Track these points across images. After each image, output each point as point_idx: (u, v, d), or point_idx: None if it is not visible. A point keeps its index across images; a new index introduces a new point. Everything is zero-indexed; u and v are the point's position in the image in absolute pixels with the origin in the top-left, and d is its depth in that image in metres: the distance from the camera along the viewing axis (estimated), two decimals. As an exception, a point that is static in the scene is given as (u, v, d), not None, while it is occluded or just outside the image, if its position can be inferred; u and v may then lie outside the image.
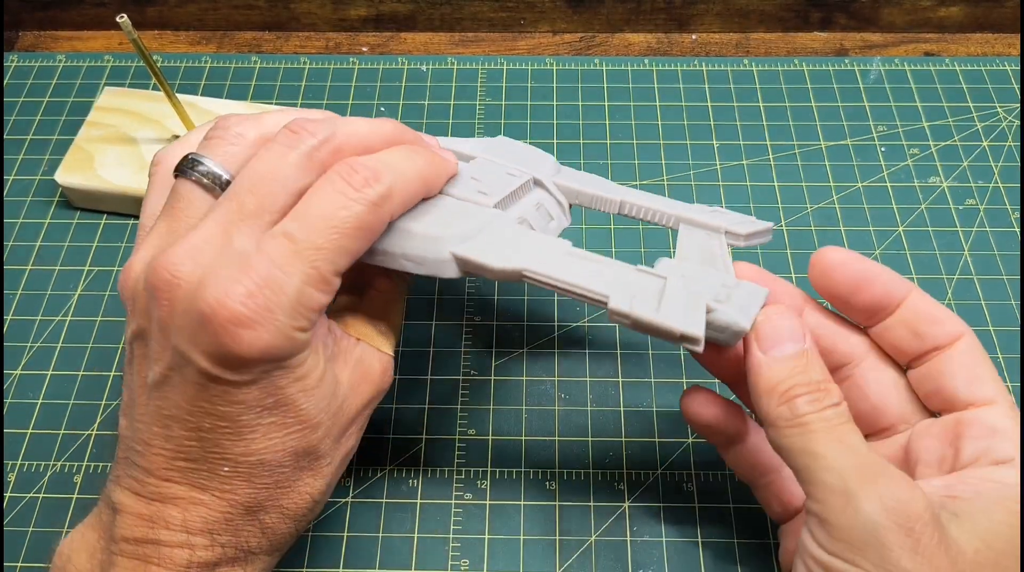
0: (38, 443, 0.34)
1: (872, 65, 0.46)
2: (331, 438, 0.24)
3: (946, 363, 0.24)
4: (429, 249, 0.24)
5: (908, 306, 0.24)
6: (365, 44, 0.49)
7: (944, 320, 0.24)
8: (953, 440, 0.23)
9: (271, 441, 0.22)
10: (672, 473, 0.33)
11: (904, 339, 0.24)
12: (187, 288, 0.21)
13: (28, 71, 0.46)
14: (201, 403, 0.22)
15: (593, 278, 0.23)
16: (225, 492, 0.22)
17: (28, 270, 0.39)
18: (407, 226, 0.24)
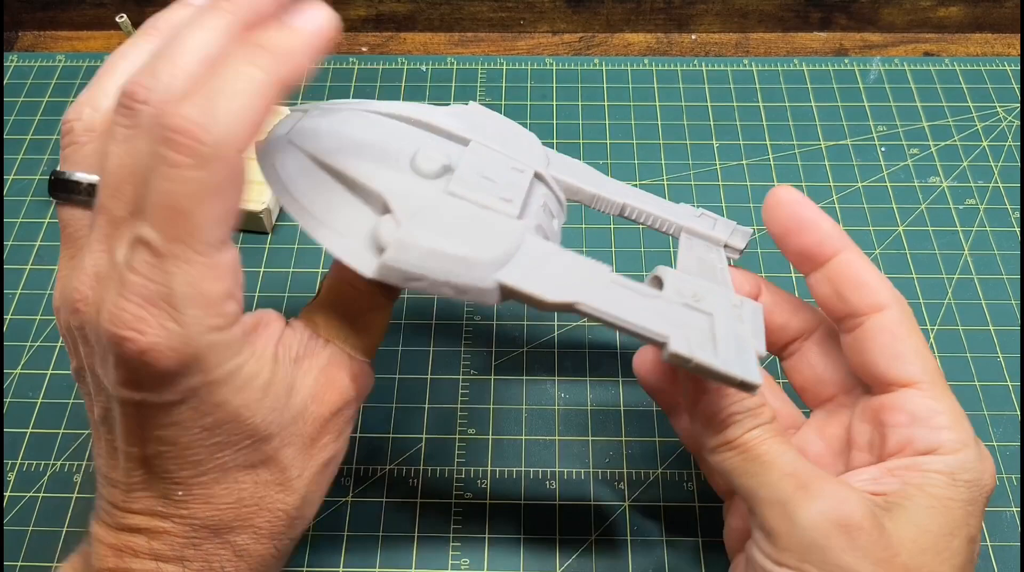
0: (38, 442, 0.34)
1: (872, 65, 0.46)
2: (293, 448, 0.22)
3: (868, 334, 0.23)
4: (473, 276, 0.21)
5: (837, 263, 0.24)
6: (364, 44, 0.49)
7: (871, 286, 0.23)
8: (877, 426, 0.23)
9: (219, 460, 0.21)
10: (672, 473, 0.33)
11: (829, 298, 0.24)
12: (90, 317, 0.20)
13: (28, 71, 0.46)
14: (138, 431, 0.20)
15: (649, 315, 0.22)
16: (184, 517, 0.21)
17: (28, 270, 0.39)
18: (437, 245, 0.21)
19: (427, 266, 0.21)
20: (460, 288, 0.21)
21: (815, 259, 0.24)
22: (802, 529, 0.20)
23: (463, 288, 0.21)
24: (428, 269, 0.21)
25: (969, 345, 0.36)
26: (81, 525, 0.32)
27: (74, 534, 0.32)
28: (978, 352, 0.36)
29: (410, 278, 0.21)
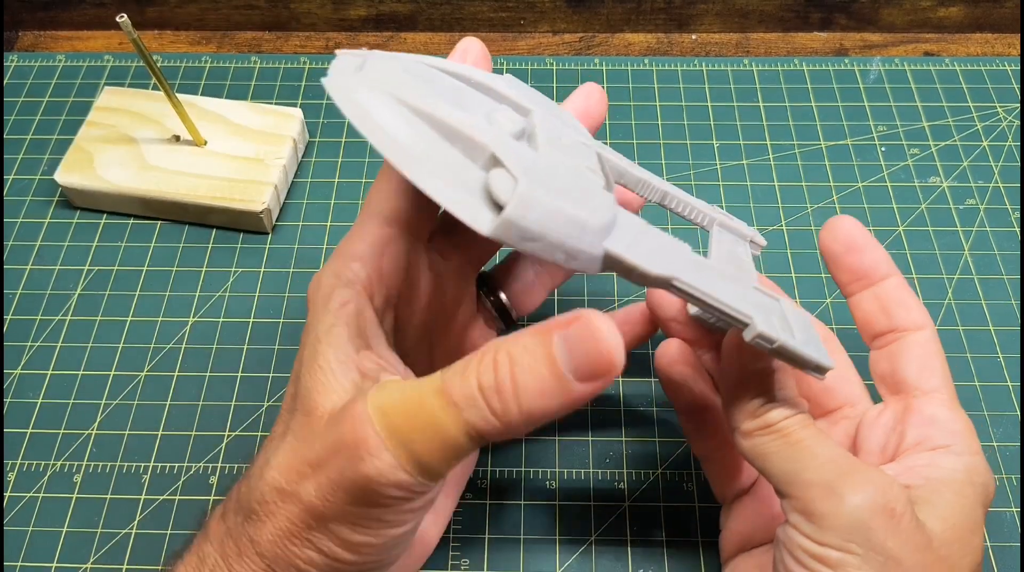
0: (38, 443, 0.34)
1: (872, 65, 0.46)
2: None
3: (905, 348, 0.26)
4: (585, 241, 0.19)
5: (887, 285, 0.26)
6: (365, 44, 0.49)
7: (914, 308, 0.26)
8: (898, 425, 0.25)
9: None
10: (672, 473, 0.33)
11: (874, 314, 0.26)
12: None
13: (28, 71, 0.46)
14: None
15: (734, 296, 0.22)
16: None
17: (28, 270, 0.39)
18: (557, 204, 0.19)
19: (547, 226, 0.19)
20: (572, 253, 0.19)
21: (868, 278, 0.26)
22: (849, 510, 0.21)
23: (575, 253, 0.19)
24: (548, 229, 0.19)
25: (969, 345, 0.36)
26: (81, 526, 0.32)
27: (74, 534, 0.32)
28: (978, 352, 0.36)
29: (528, 237, 0.19)
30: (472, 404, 0.18)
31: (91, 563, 0.31)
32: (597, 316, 0.18)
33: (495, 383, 0.18)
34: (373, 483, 0.19)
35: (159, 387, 0.35)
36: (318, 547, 0.20)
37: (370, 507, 0.20)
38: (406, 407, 0.19)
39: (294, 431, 0.21)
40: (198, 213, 0.39)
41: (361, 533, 0.20)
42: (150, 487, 0.33)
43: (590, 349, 0.18)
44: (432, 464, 0.19)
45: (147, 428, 0.34)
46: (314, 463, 0.20)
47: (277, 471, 0.20)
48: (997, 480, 0.32)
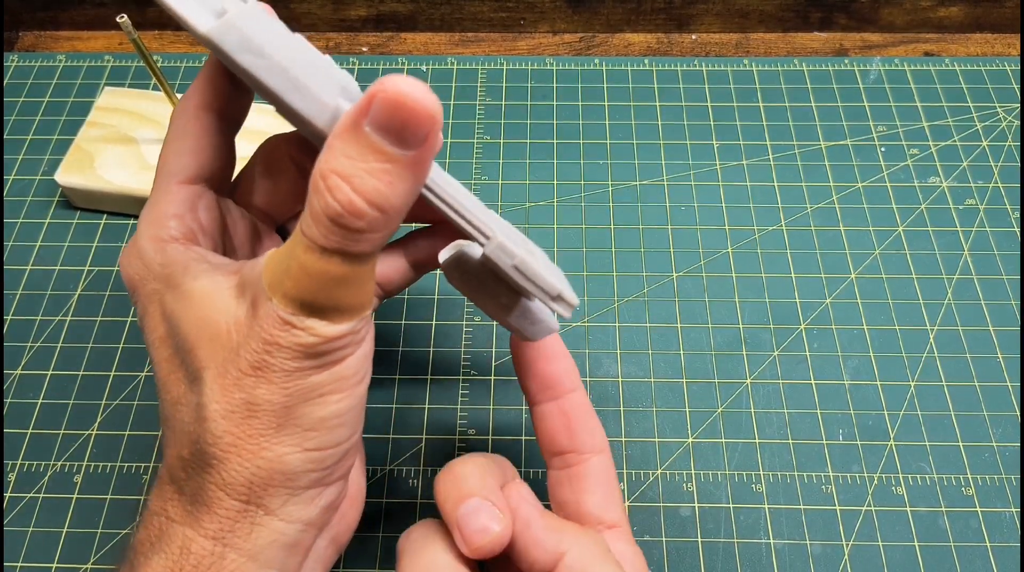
0: (38, 443, 0.34)
1: (872, 65, 0.46)
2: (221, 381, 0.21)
3: (587, 474, 0.25)
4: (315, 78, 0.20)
5: (572, 398, 0.25)
6: (365, 44, 0.49)
7: (596, 430, 0.25)
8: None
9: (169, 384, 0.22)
10: (672, 473, 0.33)
11: (559, 431, 0.25)
12: None
13: (28, 71, 0.46)
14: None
15: (484, 212, 0.22)
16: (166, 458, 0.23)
17: (28, 270, 0.39)
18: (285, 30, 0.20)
19: (275, 43, 0.19)
20: (299, 84, 0.19)
21: (555, 389, 0.25)
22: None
23: (302, 86, 0.19)
24: (275, 47, 0.19)
25: (969, 345, 0.36)
26: (81, 526, 0.32)
27: (74, 535, 0.32)
28: (978, 352, 0.36)
29: (250, 49, 0.19)
30: (328, 231, 0.18)
31: (91, 563, 0.31)
32: (391, 82, 0.17)
33: (342, 206, 0.18)
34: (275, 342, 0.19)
35: (159, 387, 0.35)
36: (292, 444, 0.20)
37: (320, 368, 0.20)
38: (281, 264, 0.20)
39: (209, 369, 0.20)
40: (198, 213, 0.39)
41: (327, 403, 0.20)
42: (150, 487, 0.33)
43: (403, 117, 0.18)
44: (311, 299, 0.19)
45: (147, 428, 0.34)
46: (258, 366, 0.20)
47: (217, 404, 0.20)
48: (997, 480, 0.33)
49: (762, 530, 0.32)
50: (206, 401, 0.20)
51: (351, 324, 0.20)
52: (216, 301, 0.21)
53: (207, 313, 0.21)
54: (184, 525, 0.21)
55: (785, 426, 0.34)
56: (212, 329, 0.20)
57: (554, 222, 0.40)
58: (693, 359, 0.36)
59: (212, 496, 0.20)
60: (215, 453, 0.20)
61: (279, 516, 0.21)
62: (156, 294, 0.22)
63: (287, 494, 0.21)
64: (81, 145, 0.40)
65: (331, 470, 0.22)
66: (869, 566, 0.31)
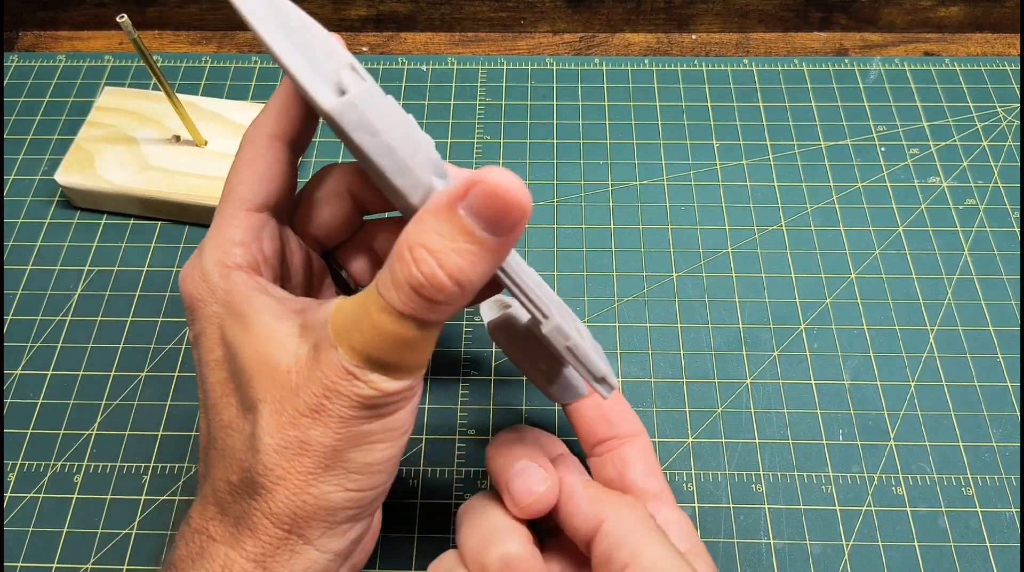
0: (38, 443, 0.34)
1: (872, 65, 0.46)
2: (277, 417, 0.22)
3: (628, 453, 0.27)
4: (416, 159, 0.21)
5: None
6: (365, 44, 0.49)
7: (632, 417, 0.28)
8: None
9: (220, 407, 0.23)
10: (672, 474, 0.33)
11: (597, 422, 0.27)
12: None
13: (28, 71, 0.46)
14: (198, 372, 0.25)
15: (542, 287, 0.23)
16: (209, 483, 0.24)
17: (28, 270, 0.39)
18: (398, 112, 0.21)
19: (385, 124, 0.20)
20: (402, 165, 0.21)
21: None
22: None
23: (404, 167, 0.21)
24: (385, 127, 0.20)
25: (969, 345, 0.36)
26: (81, 526, 0.32)
27: (74, 535, 0.32)
28: (978, 353, 0.36)
29: (364, 127, 0.20)
30: (407, 298, 0.20)
31: (91, 563, 0.31)
32: (492, 175, 0.19)
33: (425, 278, 0.19)
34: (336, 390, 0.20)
35: (159, 387, 0.35)
36: (336, 484, 0.21)
37: (373, 418, 0.21)
38: (352, 317, 0.21)
39: (266, 403, 0.21)
40: (198, 213, 0.39)
41: (374, 451, 0.22)
42: (150, 488, 0.33)
43: (498, 208, 0.19)
44: (378, 356, 0.20)
45: (147, 428, 0.34)
46: (316, 409, 0.21)
47: (272, 438, 0.21)
48: (997, 480, 0.33)
49: (762, 530, 0.32)
50: (261, 433, 0.21)
51: (409, 381, 0.21)
52: (279, 338, 0.22)
53: (269, 349, 0.22)
54: (226, 546, 0.22)
55: (785, 426, 0.34)
56: (272, 365, 0.21)
57: (554, 222, 0.40)
58: (693, 359, 0.36)
59: (257, 522, 0.21)
60: (264, 484, 0.21)
61: (316, 546, 0.22)
62: (216, 318, 0.23)
63: (325, 527, 0.22)
64: (81, 145, 0.40)
65: (366, 508, 0.23)
66: (869, 566, 0.31)
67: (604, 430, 0.27)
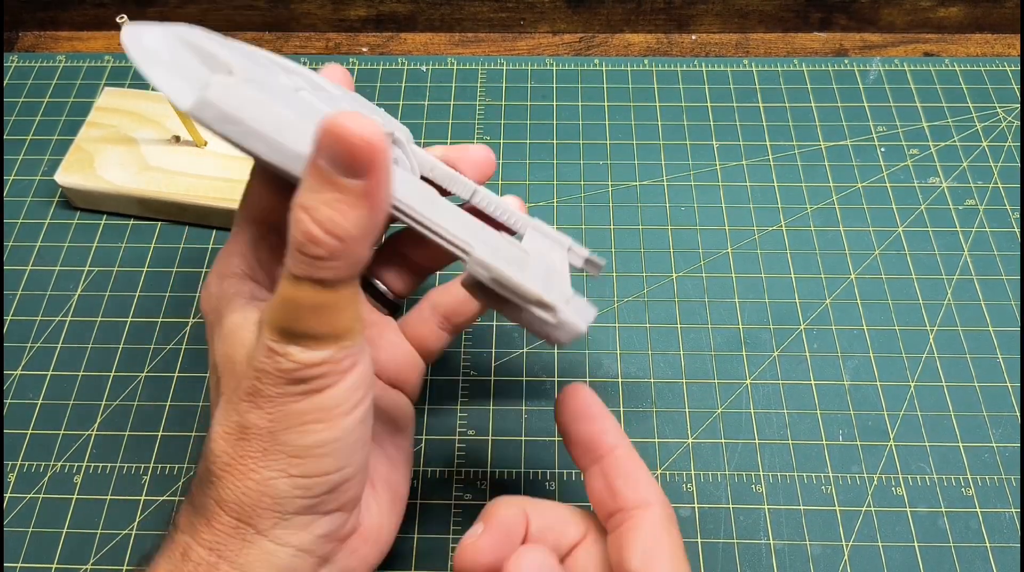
0: (38, 443, 0.34)
1: (872, 65, 0.46)
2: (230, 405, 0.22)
3: (630, 531, 0.23)
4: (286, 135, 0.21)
5: (613, 457, 0.25)
6: (365, 44, 0.49)
7: (642, 482, 0.24)
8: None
9: (212, 405, 0.24)
10: (672, 474, 0.33)
11: (601, 493, 0.25)
12: None
13: (28, 71, 0.46)
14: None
15: (460, 226, 0.22)
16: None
17: (28, 270, 0.39)
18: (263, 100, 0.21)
19: (246, 111, 0.20)
20: (273, 144, 0.20)
21: (596, 450, 0.25)
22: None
23: (276, 145, 0.20)
24: (246, 114, 0.20)
25: (968, 346, 0.36)
26: (81, 526, 0.32)
27: (74, 535, 0.32)
28: (977, 353, 0.36)
29: (225, 119, 0.20)
30: (295, 261, 0.20)
31: (91, 564, 0.31)
32: (332, 117, 0.19)
33: (304, 236, 0.19)
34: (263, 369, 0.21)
35: (159, 388, 0.35)
36: (277, 468, 0.21)
37: (301, 395, 0.21)
38: (272, 299, 0.21)
39: (223, 395, 0.22)
40: (198, 214, 0.39)
41: (310, 432, 0.21)
42: (150, 488, 0.33)
43: (344, 149, 0.19)
44: (287, 326, 0.20)
45: (147, 429, 0.34)
46: (251, 393, 0.21)
47: (219, 426, 0.22)
48: (996, 481, 0.33)
49: (762, 531, 0.32)
50: (213, 424, 0.22)
51: (327, 352, 0.21)
52: (240, 335, 0.22)
53: (230, 347, 0.22)
54: (187, 534, 0.22)
55: (785, 427, 0.34)
56: (231, 361, 0.22)
57: (554, 222, 0.40)
58: (693, 359, 0.36)
59: (212, 510, 0.22)
60: (214, 471, 0.22)
61: (268, 537, 0.22)
62: (210, 326, 0.24)
63: (276, 517, 0.22)
64: (81, 145, 0.40)
65: (322, 500, 0.22)
66: (869, 567, 0.31)
67: (610, 502, 0.24)
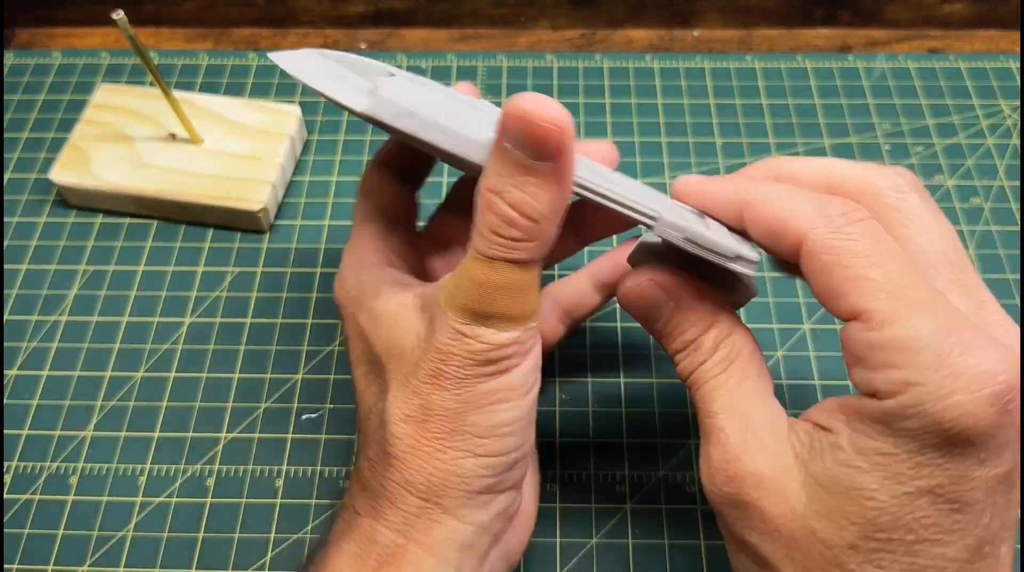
0: (34, 444, 0.33)
1: (876, 62, 0.46)
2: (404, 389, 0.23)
3: (806, 273, 0.21)
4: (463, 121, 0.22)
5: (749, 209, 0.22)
6: (363, 41, 0.48)
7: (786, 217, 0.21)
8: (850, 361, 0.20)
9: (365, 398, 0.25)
10: (674, 475, 0.33)
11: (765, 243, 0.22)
12: None
13: (24, 69, 0.46)
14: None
15: (640, 194, 0.22)
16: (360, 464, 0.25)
17: (23, 269, 0.38)
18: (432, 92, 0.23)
19: (421, 105, 0.22)
20: (450, 131, 0.21)
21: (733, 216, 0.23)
22: (709, 499, 0.22)
23: (453, 132, 0.21)
24: (421, 107, 0.21)
25: (974, 346, 0.36)
26: (77, 528, 0.32)
27: (70, 537, 0.31)
28: (983, 353, 0.35)
29: (402, 113, 0.21)
30: (490, 242, 0.21)
31: (87, 566, 0.31)
32: (516, 99, 0.19)
33: (499, 217, 0.20)
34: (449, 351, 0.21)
35: (155, 388, 0.35)
36: (464, 449, 0.22)
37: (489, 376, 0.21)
38: (454, 280, 0.22)
39: (394, 380, 0.22)
40: (195, 212, 0.39)
41: (496, 412, 0.22)
42: (146, 489, 0.32)
43: (532, 132, 0.19)
44: (480, 308, 0.21)
45: (143, 430, 0.34)
46: (434, 375, 0.22)
47: (398, 409, 0.22)
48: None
49: (765, 533, 0.31)
50: (389, 407, 0.22)
51: (517, 333, 0.21)
52: (402, 321, 0.23)
53: (395, 334, 0.23)
54: (370, 518, 0.23)
55: (788, 427, 0.34)
56: (399, 346, 0.23)
57: (555, 221, 0.40)
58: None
59: (394, 492, 0.22)
60: (395, 453, 0.22)
61: (455, 516, 0.22)
62: (353, 317, 0.25)
63: (463, 496, 0.22)
64: (77, 143, 0.40)
65: (502, 478, 0.23)
66: (873, 569, 0.30)
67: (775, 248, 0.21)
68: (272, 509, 0.32)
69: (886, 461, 0.19)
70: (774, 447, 0.21)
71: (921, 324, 0.18)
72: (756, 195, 0.22)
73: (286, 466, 0.33)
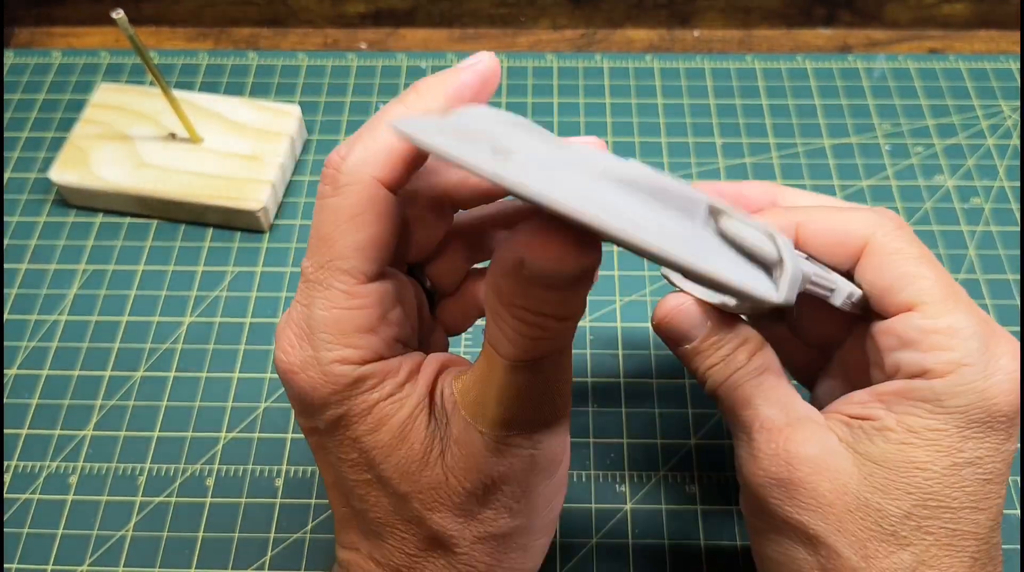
0: (33, 444, 0.33)
1: (876, 62, 0.46)
2: (445, 515, 0.21)
3: (859, 270, 0.23)
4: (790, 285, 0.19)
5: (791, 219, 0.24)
6: (363, 40, 0.48)
7: (843, 229, 0.23)
8: (875, 353, 0.23)
9: (370, 502, 0.21)
10: (674, 475, 0.33)
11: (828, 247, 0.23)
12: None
13: (24, 68, 0.46)
14: (318, 460, 0.22)
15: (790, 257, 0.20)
16: (375, 559, 0.22)
17: (23, 269, 0.38)
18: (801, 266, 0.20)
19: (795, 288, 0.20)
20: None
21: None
22: (747, 487, 0.22)
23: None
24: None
25: (974, 346, 0.36)
26: (76, 527, 0.31)
27: (69, 536, 0.31)
28: (983, 353, 0.35)
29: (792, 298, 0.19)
30: (498, 340, 0.19)
31: (87, 566, 0.31)
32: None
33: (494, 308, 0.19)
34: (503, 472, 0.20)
35: (155, 388, 0.35)
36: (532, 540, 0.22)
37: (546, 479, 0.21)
38: (472, 380, 0.20)
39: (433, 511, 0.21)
40: (194, 212, 0.39)
41: (555, 509, 0.22)
42: (146, 489, 0.32)
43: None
44: (497, 412, 0.20)
45: (143, 429, 0.34)
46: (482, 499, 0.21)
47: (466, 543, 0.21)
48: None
49: (765, 533, 0.31)
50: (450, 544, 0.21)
51: (562, 431, 0.22)
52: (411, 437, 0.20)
53: (404, 452, 0.20)
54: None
55: (788, 428, 0.34)
56: (409, 462, 0.20)
57: (555, 221, 0.40)
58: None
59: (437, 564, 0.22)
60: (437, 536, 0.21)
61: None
62: (343, 421, 0.21)
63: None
64: (76, 143, 0.40)
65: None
66: (873, 570, 0.30)
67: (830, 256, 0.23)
68: (272, 509, 0.32)
69: (936, 437, 0.21)
70: (819, 432, 0.22)
71: (969, 316, 0.21)
72: (806, 214, 0.23)
73: (286, 466, 0.33)
